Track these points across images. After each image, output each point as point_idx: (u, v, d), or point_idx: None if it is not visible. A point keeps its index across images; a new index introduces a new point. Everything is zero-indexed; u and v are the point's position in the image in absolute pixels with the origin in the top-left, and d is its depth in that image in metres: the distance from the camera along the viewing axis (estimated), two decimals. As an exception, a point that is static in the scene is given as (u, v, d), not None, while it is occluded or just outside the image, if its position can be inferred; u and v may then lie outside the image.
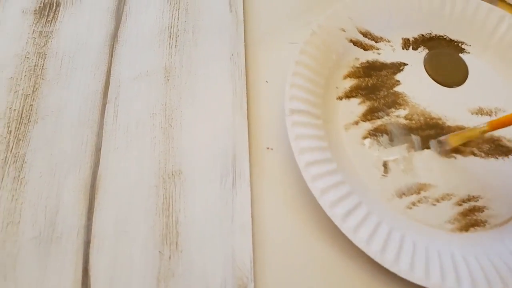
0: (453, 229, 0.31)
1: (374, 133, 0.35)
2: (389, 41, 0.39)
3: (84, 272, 0.30)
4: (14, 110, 0.36)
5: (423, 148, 0.34)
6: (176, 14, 0.41)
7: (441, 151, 0.34)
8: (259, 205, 0.33)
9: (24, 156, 0.34)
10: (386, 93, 0.37)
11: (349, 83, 0.37)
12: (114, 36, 0.40)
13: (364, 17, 0.39)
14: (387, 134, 0.35)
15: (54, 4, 0.41)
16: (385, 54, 0.39)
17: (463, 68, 0.38)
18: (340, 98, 0.37)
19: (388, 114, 0.36)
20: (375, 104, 0.36)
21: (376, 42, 0.39)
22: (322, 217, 0.31)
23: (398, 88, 0.37)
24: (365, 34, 0.39)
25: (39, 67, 0.38)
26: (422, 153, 0.34)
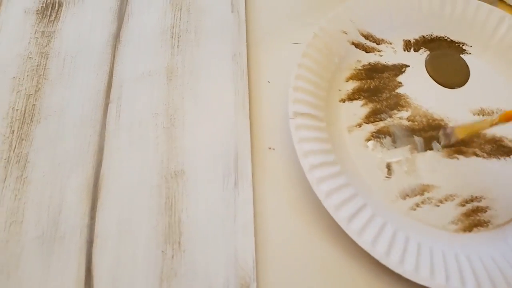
0: (457, 230, 0.31)
1: (377, 135, 0.35)
2: (391, 43, 0.40)
3: (87, 272, 0.30)
4: (17, 110, 0.36)
5: (426, 150, 0.34)
6: (178, 15, 0.41)
7: (445, 144, 0.34)
8: (261, 205, 0.33)
9: (27, 156, 0.34)
10: (388, 95, 0.37)
11: (352, 86, 0.37)
12: (117, 36, 0.40)
13: (366, 20, 0.39)
14: (390, 136, 0.35)
15: (57, 4, 0.41)
16: (387, 56, 0.39)
17: (464, 69, 0.38)
18: (343, 101, 0.37)
19: (391, 116, 0.36)
20: (378, 106, 0.36)
21: (378, 44, 0.39)
22: (325, 217, 0.31)
23: (400, 90, 0.37)
24: (367, 36, 0.39)
25: (42, 67, 0.38)
26: (425, 155, 0.34)
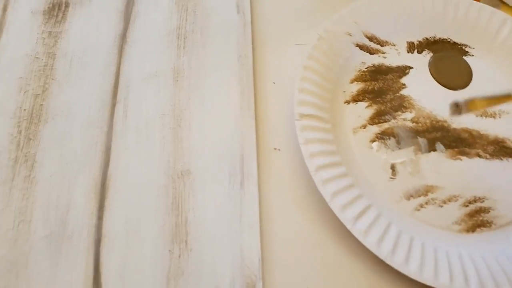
0: (460, 230, 0.32)
1: (382, 136, 0.35)
2: (394, 45, 0.40)
3: (96, 270, 0.30)
4: (24, 110, 0.36)
5: (430, 151, 0.35)
6: (184, 16, 0.41)
7: (454, 115, 0.32)
8: (267, 205, 0.33)
9: (35, 156, 0.34)
10: (393, 97, 0.37)
11: (356, 87, 0.38)
12: (123, 37, 0.40)
13: (370, 22, 0.40)
14: (394, 137, 0.35)
15: (63, 5, 0.42)
16: (391, 58, 0.39)
17: (467, 71, 0.39)
18: (348, 102, 0.37)
19: (395, 118, 0.36)
20: (382, 108, 0.37)
21: (382, 46, 0.40)
22: (330, 217, 0.32)
23: (404, 92, 0.37)
24: (371, 38, 0.40)
25: (49, 67, 0.38)
26: (429, 156, 0.35)
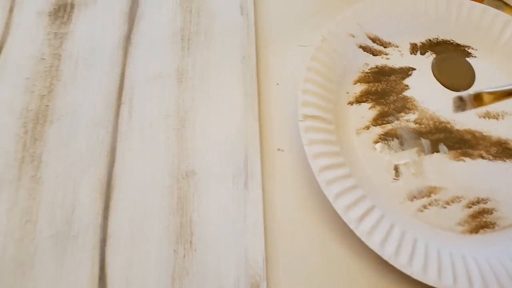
0: (464, 231, 0.32)
1: (385, 138, 0.36)
2: (397, 46, 0.40)
3: (101, 270, 0.30)
4: (30, 110, 0.36)
5: (433, 152, 0.35)
6: (189, 17, 0.42)
7: (457, 111, 0.30)
8: (271, 205, 0.33)
9: (41, 156, 0.34)
10: (396, 98, 0.37)
11: (359, 88, 0.38)
12: (128, 38, 0.40)
13: (373, 23, 0.40)
14: (398, 138, 0.35)
15: (69, 6, 0.42)
16: (394, 59, 0.39)
17: (470, 72, 0.39)
18: (351, 103, 0.37)
19: (398, 119, 0.36)
20: (385, 109, 0.37)
21: (385, 48, 0.40)
22: (333, 218, 0.32)
23: (407, 93, 0.38)
24: (374, 40, 0.40)
25: (55, 68, 0.38)
26: (432, 157, 0.35)
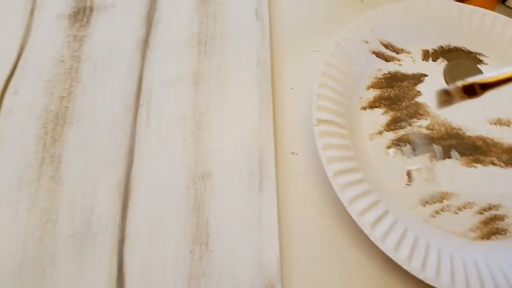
0: (475, 237, 0.32)
1: (398, 143, 0.36)
2: (410, 53, 0.41)
3: (119, 270, 0.31)
4: (50, 112, 0.37)
5: (445, 158, 0.35)
6: (205, 21, 0.42)
7: (441, 106, 0.28)
8: (285, 208, 0.34)
9: (60, 157, 0.35)
10: (408, 104, 0.38)
11: (372, 94, 0.38)
12: (145, 42, 0.41)
13: (386, 29, 0.41)
14: (410, 144, 0.36)
15: (88, 10, 0.43)
16: (406, 65, 0.40)
17: (481, 79, 0.39)
18: (364, 108, 0.38)
19: (411, 124, 0.37)
20: (398, 114, 0.37)
21: (397, 54, 0.41)
22: (347, 222, 0.33)
23: (419, 99, 0.38)
24: (387, 46, 0.41)
25: (74, 70, 0.39)
26: (444, 163, 0.35)
